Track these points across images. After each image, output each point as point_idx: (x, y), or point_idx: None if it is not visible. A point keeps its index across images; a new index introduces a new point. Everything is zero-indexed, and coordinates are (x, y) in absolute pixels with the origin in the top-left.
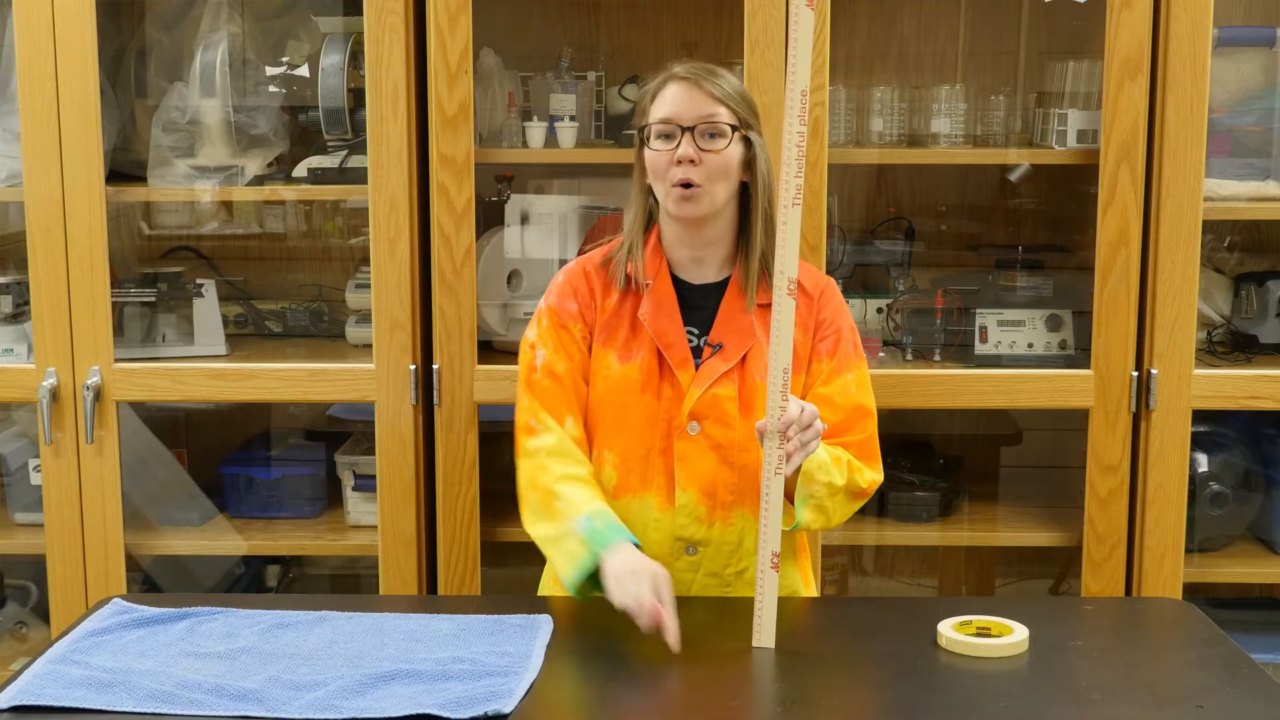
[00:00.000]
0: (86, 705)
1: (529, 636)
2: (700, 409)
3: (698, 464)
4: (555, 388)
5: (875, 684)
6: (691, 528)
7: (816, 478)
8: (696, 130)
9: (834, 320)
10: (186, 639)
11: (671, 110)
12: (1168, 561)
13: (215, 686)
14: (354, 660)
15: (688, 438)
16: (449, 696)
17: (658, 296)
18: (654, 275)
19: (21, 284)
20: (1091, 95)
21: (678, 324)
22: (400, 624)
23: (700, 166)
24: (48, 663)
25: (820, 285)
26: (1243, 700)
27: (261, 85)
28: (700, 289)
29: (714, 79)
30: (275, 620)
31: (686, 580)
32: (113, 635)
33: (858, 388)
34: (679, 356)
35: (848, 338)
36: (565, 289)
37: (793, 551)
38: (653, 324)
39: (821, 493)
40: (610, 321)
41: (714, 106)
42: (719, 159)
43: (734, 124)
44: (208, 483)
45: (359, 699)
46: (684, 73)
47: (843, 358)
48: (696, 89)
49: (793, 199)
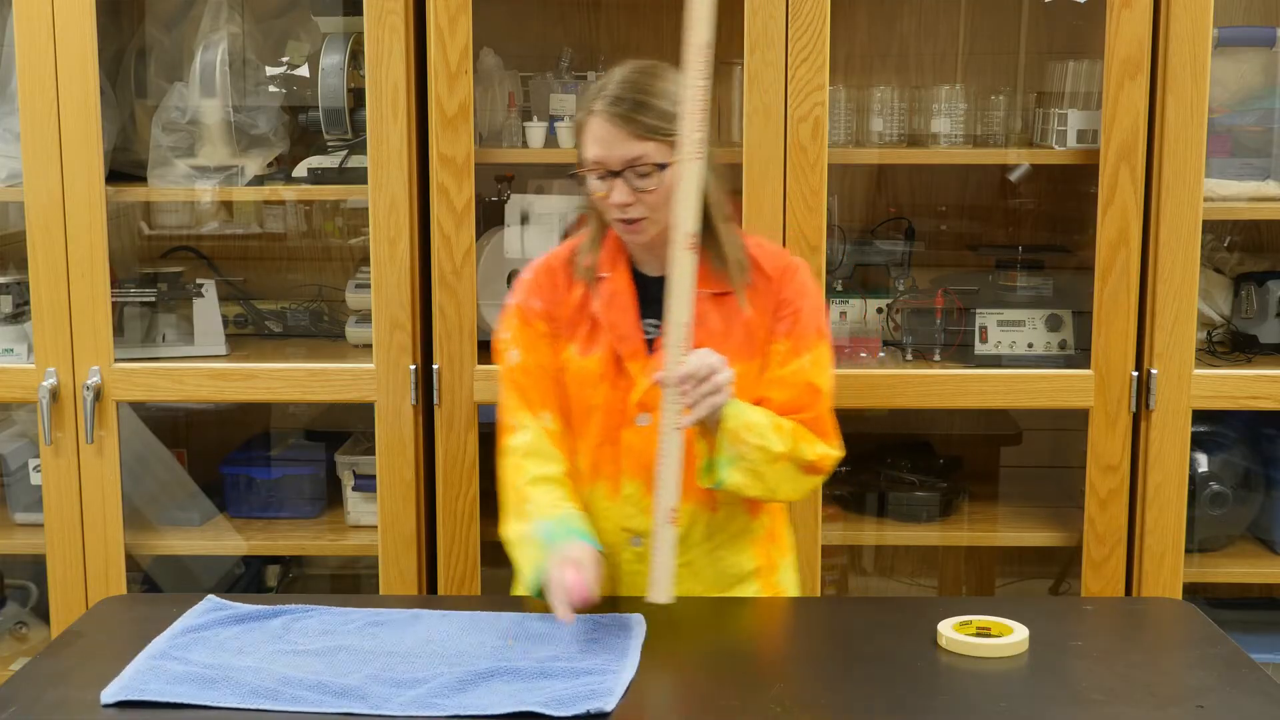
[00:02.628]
0: (192, 700)
1: (624, 635)
2: (650, 400)
3: (645, 455)
4: (530, 383)
5: (875, 684)
6: (637, 519)
7: (745, 438)
8: (626, 173)
9: (794, 301)
10: (283, 636)
11: (598, 153)
12: (1168, 561)
13: (317, 683)
14: (451, 658)
15: (636, 428)
16: (550, 694)
17: (612, 289)
18: (612, 269)
19: (21, 284)
20: (1091, 95)
21: (631, 317)
22: (494, 623)
23: (638, 204)
24: (149, 658)
25: (782, 265)
26: (1243, 700)
27: (261, 85)
28: (660, 281)
29: (639, 111)
30: (369, 618)
31: (634, 571)
32: (209, 632)
33: (813, 366)
34: (630, 349)
35: (809, 319)
36: (530, 286)
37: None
38: (606, 316)
39: (754, 456)
40: (574, 316)
41: (640, 146)
42: (655, 195)
43: (663, 162)
44: (208, 483)
45: (460, 696)
46: (606, 110)
47: (800, 338)
48: (621, 129)
49: (693, 153)
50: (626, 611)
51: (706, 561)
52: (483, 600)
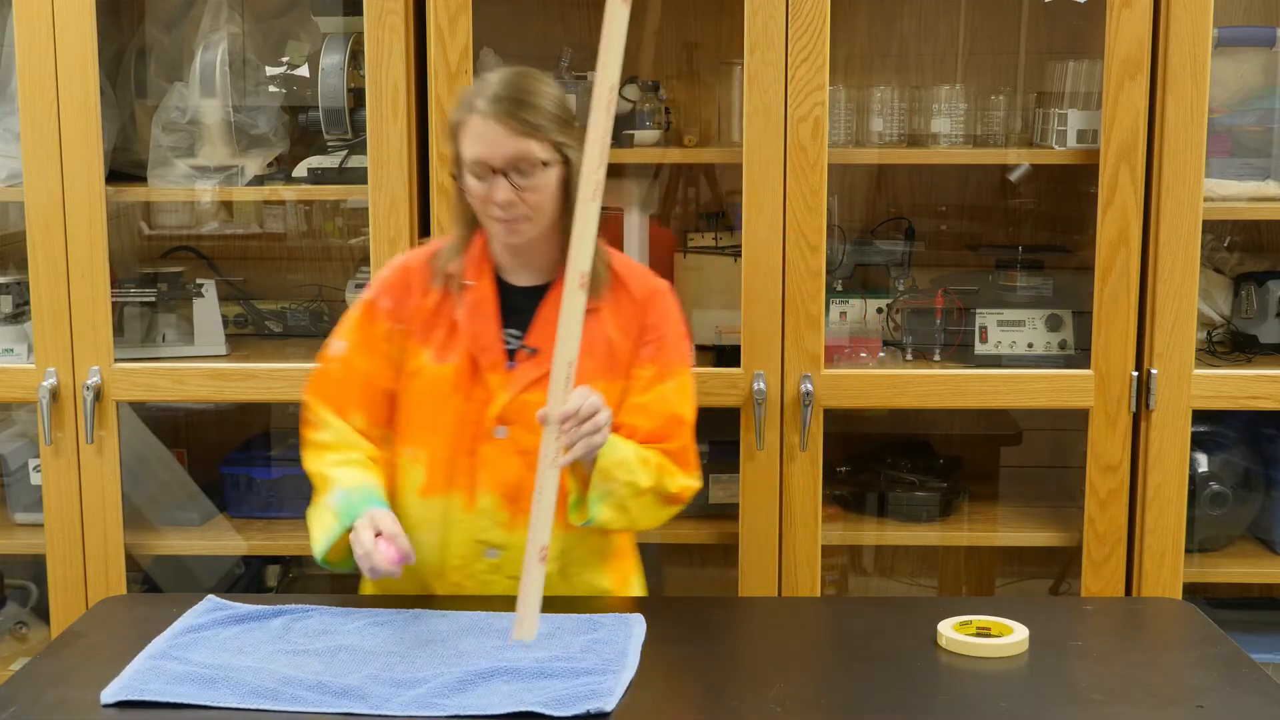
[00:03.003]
0: (192, 700)
1: (624, 635)
2: (508, 413)
3: (501, 468)
4: (345, 380)
5: (875, 684)
6: (492, 531)
7: (616, 475)
8: (509, 172)
9: (659, 326)
10: (283, 636)
11: (481, 151)
12: (1168, 561)
13: (317, 683)
14: (451, 658)
15: (494, 441)
16: (550, 694)
17: (476, 298)
18: (477, 277)
19: (21, 284)
20: (1091, 95)
21: (493, 327)
22: (494, 623)
23: (520, 203)
24: (149, 658)
25: (649, 289)
26: (1243, 700)
27: (261, 85)
28: (525, 291)
29: (522, 110)
30: (370, 618)
31: (488, 582)
32: (209, 632)
33: (677, 395)
34: (491, 360)
35: (672, 345)
36: (385, 285)
37: (605, 554)
38: (468, 326)
39: (622, 492)
40: (430, 320)
41: (524, 143)
42: (537, 194)
43: (547, 159)
44: (208, 483)
45: (460, 696)
46: (488, 108)
47: (665, 365)
48: (503, 127)
49: (592, 193)
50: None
51: (562, 581)
52: (483, 600)
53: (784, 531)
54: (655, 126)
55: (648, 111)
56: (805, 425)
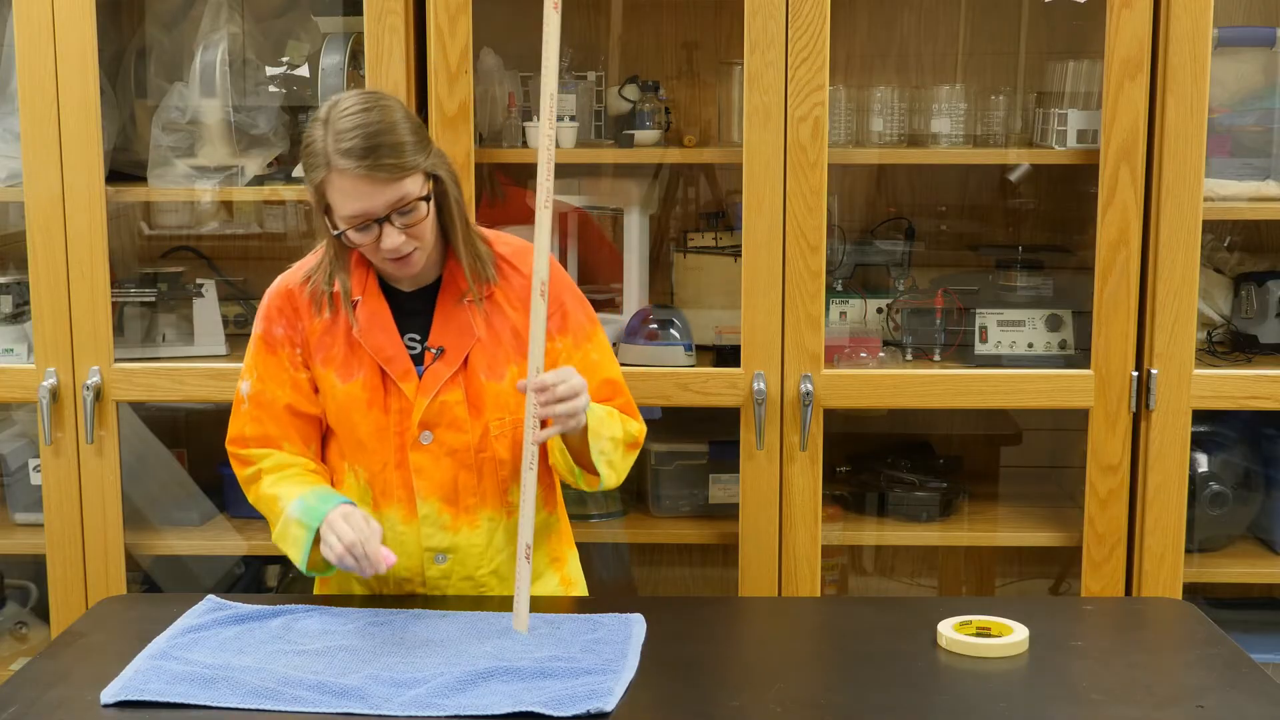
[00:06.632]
0: (192, 700)
1: (624, 635)
2: (430, 417)
3: (435, 472)
4: (264, 417)
5: (875, 684)
6: (438, 536)
7: (601, 433)
8: (392, 215)
9: (556, 295)
10: (283, 636)
11: (359, 207)
12: (1168, 561)
13: (317, 683)
14: (451, 658)
15: (421, 448)
16: (550, 694)
17: (369, 311)
18: (362, 290)
19: (21, 284)
20: (1091, 95)
21: (394, 337)
22: (494, 622)
23: (407, 241)
24: (149, 658)
25: (532, 259)
26: (1243, 700)
27: (261, 85)
28: (414, 294)
29: (386, 156)
30: (370, 618)
31: (441, 586)
32: (209, 632)
33: (600, 356)
34: (400, 369)
35: (575, 309)
36: (271, 313)
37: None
38: (368, 341)
39: (609, 448)
40: (324, 340)
41: (398, 188)
42: (422, 225)
43: (423, 191)
44: (208, 483)
45: (459, 696)
46: (353, 167)
47: (576, 330)
48: (375, 180)
49: (544, 201)
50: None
51: (509, 563)
52: (483, 600)
53: (784, 531)
54: (655, 126)
55: (648, 111)
56: (805, 425)
